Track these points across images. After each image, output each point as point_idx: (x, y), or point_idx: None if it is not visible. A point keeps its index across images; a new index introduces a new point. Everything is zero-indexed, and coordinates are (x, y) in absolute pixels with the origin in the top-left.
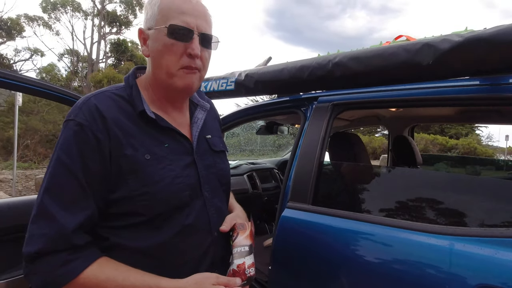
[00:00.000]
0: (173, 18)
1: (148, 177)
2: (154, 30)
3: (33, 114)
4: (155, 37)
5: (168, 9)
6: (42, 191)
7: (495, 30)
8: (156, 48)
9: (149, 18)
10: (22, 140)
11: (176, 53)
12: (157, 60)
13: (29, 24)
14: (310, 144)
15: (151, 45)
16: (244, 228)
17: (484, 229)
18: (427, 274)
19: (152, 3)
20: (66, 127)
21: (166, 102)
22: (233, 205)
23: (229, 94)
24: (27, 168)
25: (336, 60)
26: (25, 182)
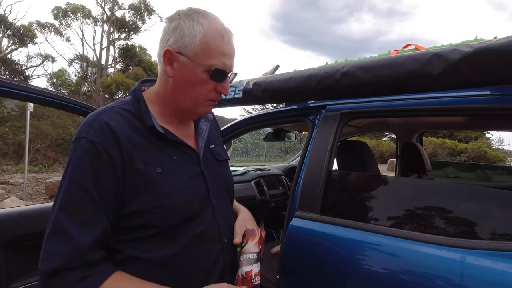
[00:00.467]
0: (214, 58)
1: (161, 190)
2: (190, 61)
3: (43, 118)
4: (190, 68)
5: (210, 47)
6: (56, 209)
7: (506, 40)
8: (189, 78)
9: (186, 45)
10: (32, 144)
11: (208, 88)
12: (186, 88)
13: (41, 31)
14: (318, 153)
15: (181, 72)
16: (253, 234)
17: (497, 242)
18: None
19: (192, 30)
20: (78, 144)
21: (175, 117)
22: (237, 207)
23: (237, 102)
24: (38, 171)
25: (344, 69)
26: (36, 186)
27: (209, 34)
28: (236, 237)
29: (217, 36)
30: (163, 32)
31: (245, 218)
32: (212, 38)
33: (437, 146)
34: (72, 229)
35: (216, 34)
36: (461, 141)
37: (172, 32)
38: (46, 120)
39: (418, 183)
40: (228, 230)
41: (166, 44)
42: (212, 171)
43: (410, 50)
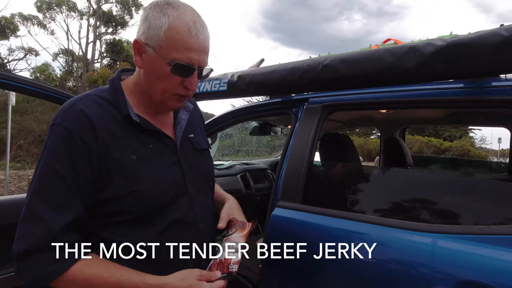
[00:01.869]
0: (178, 52)
1: (135, 177)
2: (155, 53)
3: (26, 114)
4: (154, 60)
5: (175, 40)
6: (30, 193)
7: (476, 35)
8: (154, 70)
9: (151, 36)
10: (15, 140)
11: (174, 83)
12: (152, 81)
13: (24, 23)
14: (300, 145)
15: (148, 63)
16: (244, 227)
17: (467, 227)
18: (413, 269)
19: (157, 22)
20: (53, 131)
21: (151, 108)
22: (224, 196)
23: (222, 95)
24: (20, 168)
25: (326, 62)
26: (18, 182)
27: (174, 26)
28: (220, 222)
29: (183, 29)
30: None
31: (232, 206)
32: (177, 31)
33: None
34: (44, 212)
35: (183, 27)
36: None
37: (142, 23)
38: (30, 115)
39: (394, 172)
40: (206, 219)
41: (137, 35)
42: (190, 160)
43: (390, 44)
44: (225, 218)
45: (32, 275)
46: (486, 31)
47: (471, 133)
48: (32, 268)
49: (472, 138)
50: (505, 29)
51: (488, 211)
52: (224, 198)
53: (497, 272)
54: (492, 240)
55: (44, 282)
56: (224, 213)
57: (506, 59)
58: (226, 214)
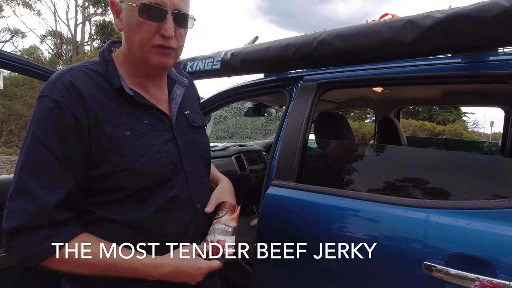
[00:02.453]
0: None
1: (129, 153)
2: (126, 5)
3: (16, 98)
4: (127, 13)
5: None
6: (19, 168)
7: (475, 6)
8: (129, 24)
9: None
10: (5, 125)
11: (148, 31)
12: (130, 36)
13: (8, 3)
14: (295, 123)
15: (124, 20)
16: (233, 209)
17: (459, 202)
18: (406, 244)
19: None
20: (40, 103)
21: (144, 77)
22: (218, 177)
23: (215, 73)
24: (12, 153)
25: (321, 38)
26: (11, 167)
27: None
28: (208, 206)
29: None
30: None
31: (224, 189)
32: None
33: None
34: (35, 188)
35: None
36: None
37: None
38: (19, 100)
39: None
40: (202, 197)
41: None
42: (186, 137)
43: None
44: (214, 203)
45: (24, 253)
46: (486, 2)
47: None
48: (23, 246)
49: (465, 122)
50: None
51: (480, 186)
52: (218, 179)
53: (488, 245)
54: (484, 214)
55: (36, 260)
56: (214, 196)
57: (507, 31)
58: (215, 197)
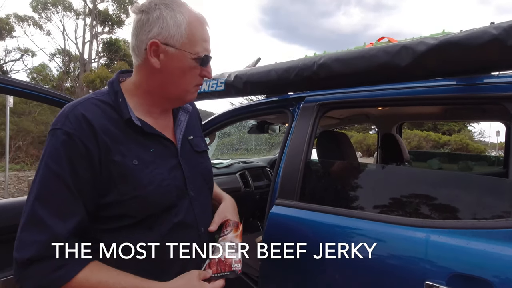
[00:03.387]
0: (199, 45)
1: (138, 182)
2: (177, 50)
3: (24, 115)
4: (178, 57)
5: (194, 35)
6: (32, 199)
7: (467, 33)
8: (178, 67)
9: (172, 36)
10: (14, 141)
11: (195, 74)
12: (175, 78)
13: (19, 24)
14: (297, 143)
15: (169, 62)
16: (237, 227)
17: (457, 222)
18: (408, 264)
19: (176, 20)
20: (53, 136)
21: (155, 107)
22: (220, 195)
23: (219, 94)
24: (20, 169)
25: (321, 61)
26: (18, 184)
27: (191, 22)
28: (211, 225)
29: (198, 24)
30: (139, 24)
31: (227, 207)
32: (195, 26)
33: (421, 139)
34: (48, 218)
35: (197, 22)
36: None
37: (154, 23)
38: (28, 116)
39: (389, 170)
40: (206, 220)
41: (147, 36)
42: (190, 162)
43: (383, 43)
44: (217, 221)
45: (36, 283)
46: (476, 30)
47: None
48: (35, 277)
49: (470, 131)
50: (494, 28)
51: (479, 205)
52: (221, 197)
53: (488, 265)
54: (483, 234)
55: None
56: (217, 215)
57: (496, 56)
58: (218, 216)
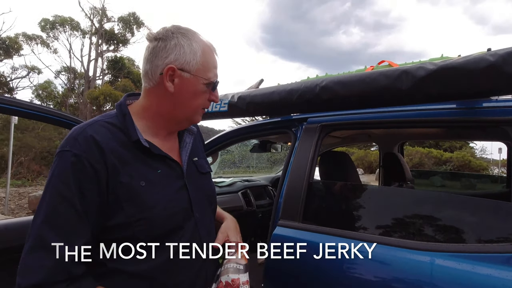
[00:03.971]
0: (210, 71)
1: (144, 203)
2: (192, 76)
3: (28, 131)
4: (192, 82)
5: (207, 62)
6: (39, 222)
7: (464, 59)
8: (191, 91)
9: (188, 61)
10: (16, 157)
11: (205, 98)
12: (187, 101)
13: (27, 43)
14: (300, 164)
15: (183, 86)
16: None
17: (463, 245)
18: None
19: (192, 48)
20: (62, 158)
21: (162, 130)
22: (222, 215)
23: (223, 115)
24: (21, 185)
25: (323, 84)
26: (18, 200)
27: (205, 50)
28: (216, 241)
29: (210, 52)
30: (154, 50)
31: (229, 226)
32: (208, 54)
33: (423, 156)
34: (55, 242)
35: (209, 50)
36: (446, 151)
37: (172, 50)
38: (31, 132)
39: (393, 192)
40: (210, 241)
41: (164, 62)
42: (195, 183)
43: (384, 66)
44: (221, 238)
45: None
46: (473, 56)
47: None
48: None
49: (472, 148)
50: (491, 55)
51: (484, 229)
52: (223, 217)
53: None
54: (489, 258)
55: None
56: (220, 233)
57: (493, 82)
58: (221, 234)
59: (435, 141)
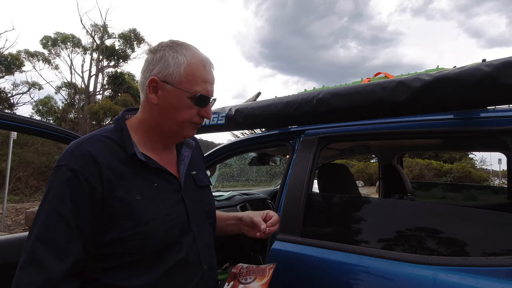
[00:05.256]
0: (197, 85)
1: (140, 217)
2: (174, 88)
3: (27, 146)
4: (175, 95)
5: (194, 75)
6: (33, 238)
7: (460, 70)
8: (173, 104)
9: (171, 74)
10: (14, 172)
11: (192, 113)
12: (171, 113)
13: (29, 59)
14: (298, 177)
15: (166, 98)
16: (263, 274)
17: (466, 259)
18: None
19: (177, 60)
20: (58, 172)
21: (158, 143)
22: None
23: (220, 128)
24: (18, 201)
25: (320, 96)
26: (15, 216)
27: (192, 63)
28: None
29: (200, 65)
30: (146, 63)
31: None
32: (196, 67)
33: (423, 167)
34: (46, 259)
35: (199, 63)
36: (446, 162)
37: (157, 62)
38: (30, 147)
39: (394, 204)
40: (209, 257)
41: (150, 74)
42: (193, 197)
43: (380, 78)
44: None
45: None
46: (469, 67)
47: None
48: None
49: (472, 159)
50: (486, 65)
51: (488, 241)
52: (237, 215)
53: None
54: (493, 272)
55: None
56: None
57: (489, 93)
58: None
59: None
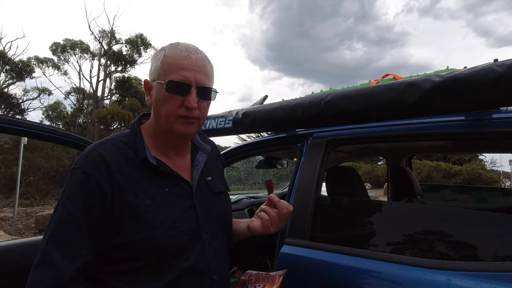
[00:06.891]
0: (173, 74)
1: (148, 223)
2: (156, 83)
3: (37, 150)
4: (157, 89)
5: (169, 64)
6: (47, 238)
7: (471, 71)
8: (157, 99)
9: (153, 71)
10: (25, 177)
11: (174, 104)
12: (158, 109)
13: (39, 66)
14: (306, 180)
15: (154, 95)
16: (272, 282)
17: (481, 264)
18: None
19: (156, 57)
20: (72, 175)
21: (167, 147)
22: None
23: (227, 132)
24: (28, 205)
25: (328, 99)
26: (26, 220)
27: (169, 55)
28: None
29: (176, 54)
30: None
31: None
32: (172, 57)
33: (432, 169)
34: (56, 259)
35: (176, 53)
36: (455, 164)
37: (149, 68)
38: (40, 152)
39: (404, 207)
40: (220, 267)
41: None
42: (205, 204)
43: (388, 79)
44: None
45: None
46: (480, 67)
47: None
48: None
49: (482, 161)
50: (498, 65)
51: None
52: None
53: None
54: (508, 278)
55: None
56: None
57: (501, 93)
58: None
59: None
